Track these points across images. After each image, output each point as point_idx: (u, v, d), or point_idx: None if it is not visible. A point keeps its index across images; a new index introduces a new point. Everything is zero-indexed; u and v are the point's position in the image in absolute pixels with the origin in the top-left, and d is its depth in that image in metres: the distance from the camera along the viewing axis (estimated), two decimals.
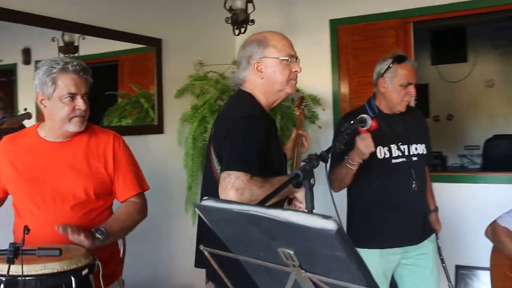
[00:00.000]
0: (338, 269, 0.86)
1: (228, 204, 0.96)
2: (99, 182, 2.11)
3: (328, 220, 0.78)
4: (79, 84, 2.02)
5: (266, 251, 0.95)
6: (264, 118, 2.06)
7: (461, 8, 4.08)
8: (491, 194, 3.96)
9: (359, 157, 2.39)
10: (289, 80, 2.09)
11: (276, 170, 2.03)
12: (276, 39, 2.10)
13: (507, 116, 7.60)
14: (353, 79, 4.44)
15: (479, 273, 4.00)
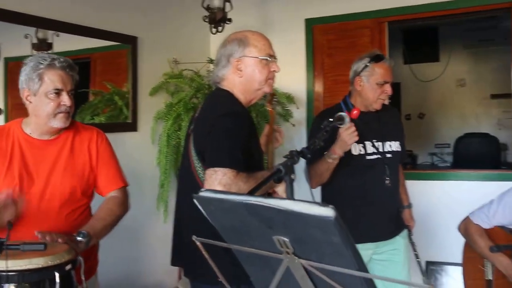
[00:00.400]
0: (331, 254, 0.94)
1: (228, 195, 1.03)
2: (85, 181, 2.16)
3: (326, 208, 0.86)
4: (65, 80, 2.06)
5: (261, 239, 1.03)
6: (246, 114, 2.14)
7: (434, 9, 4.24)
8: (462, 191, 4.11)
9: (341, 149, 2.47)
10: (267, 80, 2.15)
11: (257, 166, 2.10)
12: (256, 39, 2.16)
13: (478, 115, 7.84)
14: (327, 78, 4.56)
15: (448, 268, 4.16)
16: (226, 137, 1.97)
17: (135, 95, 3.98)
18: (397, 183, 2.86)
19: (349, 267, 0.92)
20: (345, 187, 2.74)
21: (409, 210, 3.08)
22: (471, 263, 2.69)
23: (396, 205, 2.90)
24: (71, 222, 2.10)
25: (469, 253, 2.71)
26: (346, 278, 0.97)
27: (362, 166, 2.72)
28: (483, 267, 2.62)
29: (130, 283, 3.91)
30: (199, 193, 1.06)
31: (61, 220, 2.08)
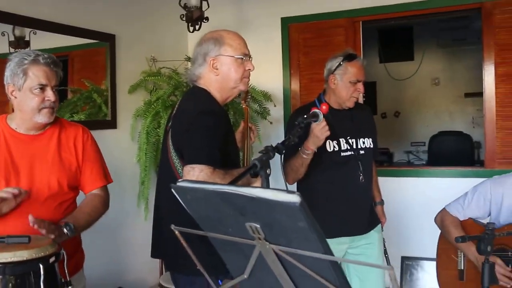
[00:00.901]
0: (299, 239, 1.02)
1: (203, 184, 1.11)
2: (71, 174, 2.21)
3: (293, 195, 0.94)
4: (50, 76, 2.10)
5: (235, 226, 1.10)
6: (222, 113, 2.21)
7: (406, 9, 4.38)
8: (436, 188, 4.24)
9: (314, 145, 2.53)
10: (243, 78, 2.22)
11: (233, 163, 2.19)
12: (232, 38, 2.22)
13: (452, 113, 8.03)
14: (303, 76, 4.67)
15: (423, 263, 4.29)
16: (204, 135, 2.03)
17: (114, 92, 4.03)
18: (370, 179, 2.95)
19: (315, 250, 1.01)
20: (320, 183, 2.80)
21: (381, 207, 3.16)
22: (445, 254, 2.78)
23: (370, 201, 2.98)
24: (59, 215, 2.14)
25: (443, 245, 2.80)
26: (314, 262, 1.05)
27: (336, 163, 2.79)
28: (456, 257, 2.72)
29: (112, 280, 3.96)
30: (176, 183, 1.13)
31: (49, 213, 2.10)
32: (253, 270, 1.20)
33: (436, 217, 2.82)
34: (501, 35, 4.09)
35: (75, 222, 2.05)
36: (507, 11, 4.07)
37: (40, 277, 1.72)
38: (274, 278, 1.17)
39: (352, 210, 2.80)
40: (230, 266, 1.31)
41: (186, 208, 1.17)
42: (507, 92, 4.09)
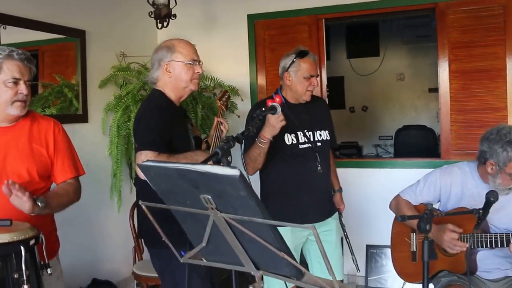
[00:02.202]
0: (242, 207, 1.26)
1: (163, 163, 1.35)
2: (42, 164, 2.36)
3: (234, 169, 1.19)
4: (23, 70, 2.26)
5: (191, 198, 1.34)
6: (170, 109, 2.59)
7: (368, 8, 4.67)
8: (399, 178, 4.42)
9: (269, 134, 2.72)
10: (192, 80, 2.62)
11: (183, 151, 2.51)
12: (182, 46, 2.63)
13: (416, 107, 8.38)
14: (269, 72, 4.93)
15: (387, 251, 4.53)
16: (147, 126, 2.49)
17: (85, 87, 4.22)
18: (327, 169, 3.15)
19: (255, 216, 1.25)
20: (280, 175, 3.01)
21: (340, 194, 3.35)
22: (399, 237, 3.03)
23: (328, 190, 3.19)
24: None
25: (397, 228, 3.05)
26: (257, 226, 1.30)
27: (295, 155, 2.97)
28: (408, 240, 2.97)
29: (86, 271, 4.16)
30: (141, 162, 1.36)
31: None
32: (210, 238, 1.45)
33: (391, 202, 3.08)
34: (454, 34, 4.41)
35: (48, 199, 2.19)
36: (459, 11, 4.39)
37: (21, 258, 1.88)
38: (227, 244, 1.42)
39: (312, 199, 2.99)
40: (191, 236, 1.55)
41: (151, 184, 1.41)
42: (460, 87, 4.42)
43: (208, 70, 4.82)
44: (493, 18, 4.29)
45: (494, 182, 2.62)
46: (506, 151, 2.52)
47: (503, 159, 2.53)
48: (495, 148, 2.55)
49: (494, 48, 4.30)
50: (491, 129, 2.65)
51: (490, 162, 2.59)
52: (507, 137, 2.53)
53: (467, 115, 4.42)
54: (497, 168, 2.57)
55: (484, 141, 2.63)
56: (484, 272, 2.79)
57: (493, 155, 2.56)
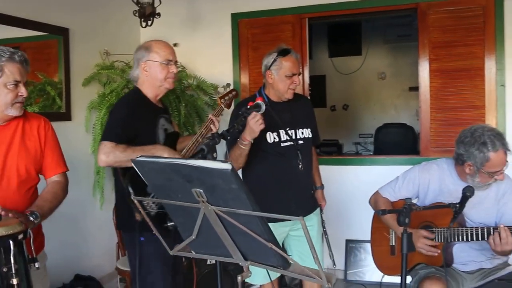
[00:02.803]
0: (233, 199, 1.34)
1: (156, 159, 1.42)
2: (36, 161, 2.44)
3: (226, 163, 1.26)
4: (23, 73, 2.30)
5: (183, 192, 1.41)
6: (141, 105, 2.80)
7: (350, 7, 4.78)
8: (379, 175, 4.53)
9: (250, 136, 2.78)
10: (167, 78, 2.82)
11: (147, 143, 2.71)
12: (158, 47, 2.83)
13: (397, 106, 8.52)
14: (252, 70, 5.01)
15: (366, 245, 4.68)
16: (114, 120, 2.74)
17: (68, 85, 4.25)
18: (309, 167, 3.23)
19: (246, 208, 1.33)
20: (263, 172, 3.07)
21: (321, 191, 3.43)
22: (378, 232, 3.13)
23: (309, 187, 3.27)
24: (29, 199, 2.37)
25: (377, 223, 3.16)
26: (246, 219, 1.38)
27: (277, 153, 3.04)
28: (388, 234, 3.07)
29: (70, 267, 4.19)
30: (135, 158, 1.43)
31: (21, 197, 2.34)
32: (200, 230, 1.52)
33: (370, 198, 3.18)
34: (435, 34, 4.54)
35: (39, 210, 2.25)
36: (440, 11, 4.52)
37: (10, 252, 1.93)
38: (217, 236, 1.49)
39: (293, 196, 3.06)
40: (181, 229, 1.62)
41: (144, 179, 1.48)
42: (440, 86, 4.55)
43: (191, 68, 4.89)
44: (473, 18, 4.42)
45: (473, 181, 2.72)
46: (483, 152, 2.62)
47: (480, 160, 2.63)
48: (472, 150, 2.65)
49: (473, 48, 4.43)
50: (465, 132, 2.74)
51: (468, 163, 2.69)
52: (481, 138, 2.63)
53: (447, 113, 4.55)
54: (475, 168, 2.67)
55: (460, 144, 2.73)
56: (460, 265, 2.91)
57: (470, 157, 2.66)
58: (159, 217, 2.64)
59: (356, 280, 4.72)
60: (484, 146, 2.62)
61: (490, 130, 2.68)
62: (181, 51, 5.09)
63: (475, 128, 2.71)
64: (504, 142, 2.65)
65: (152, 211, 2.63)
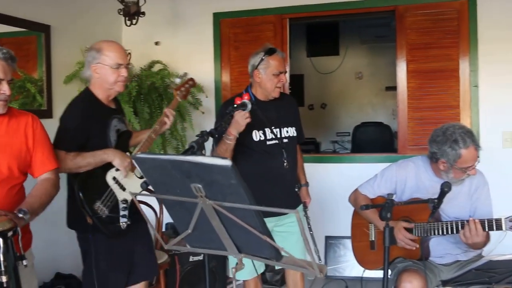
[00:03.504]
0: (231, 194, 1.41)
1: (157, 155, 1.48)
2: (21, 159, 2.41)
3: (225, 160, 1.34)
4: (6, 70, 2.28)
5: (182, 188, 1.48)
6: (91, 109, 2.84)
7: (331, 8, 4.90)
8: (357, 173, 4.68)
9: (235, 130, 2.87)
10: (117, 82, 2.83)
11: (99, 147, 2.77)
12: (109, 49, 2.81)
13: (374, 105, 8.70)
14: (234, 69, 5.09)
15: (345, 241, 4.81)
16: (63, 127, 2.81)
17: (50, 82, 4.24)
18: (294, 165, 3.32)
19: (243, 202, 1.41)
20: (249, 169, 3.10)
21: (306, 188, 3.54)
22: (358, 227, 3.23)
23: (293, 184, 3.35)
24: (12, 197, 2.36)
25: (356, 220, 3.26)
26: (242, 212, 1.45)
27: (263, 151, 3.13)
28: (367, 230, 3.17)
29: (50, 265, 4.20)
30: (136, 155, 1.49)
31: (2, 195, 2.31)
32: (196, 225, 1.59)
33: (350, 196, 3.29)
34: (412, 36, 4.69)
35: (29, 207, 2.25)
36: (418, 14, 4.67)
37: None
38: (212, 230, 1.56)
39: (278, 193, 3.13)
40: (177, 224, 1.69)
41: (144, 176, 1.54)
42: (417, 86, 4.70)
43: (173, 67, 4.93)
44: (448, 21, 4.59)
45: (447, 177, 2.85)
46: (455, 149, 2.76)
47: (453, 157, 2.77)
48: (444, 148, 2.79)
49: (448, 50, 4.59)
50: (437, 131, 2.89)
51: (442, 161, 2.83)
52: (453, 136, 2.77)
53: (423, 112, 4.70)
54: (448, 165, 2.81)
55: (433, 143, 2.87)
56: (437, 258, 3.04)
57: (443, 155, 2.80)
58: (111, 220, 2.76)
59: (336, 276, 4.83)
60: (455, 143, 2.76)
61: (461, 128, 2.83)
62: (164, 49, 5.18)
63: (446, 127, 2.85)
64: (474, 139, 2.79)
65: (103, 215, 2.72)
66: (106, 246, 2.83)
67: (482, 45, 4.51)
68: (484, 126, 4.54)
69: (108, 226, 2.73)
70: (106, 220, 2.73)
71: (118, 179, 2.81)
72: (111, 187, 2.78)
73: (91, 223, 2.70)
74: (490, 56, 4.50)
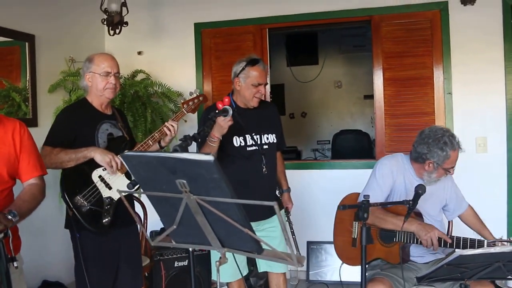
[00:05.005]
0: (213, 188, 1.50)
1: (144, 153, 1.56)
2: (10, 164, 2.46)
3: (208, 155, 1.42)
4: None
5: (167, 184, 1.56)
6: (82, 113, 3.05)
7: (309, 18, 5.03)
8: (337, 179, 4.89)
9: (218, 133, 2.96)
10: (106, 89, 3.04)
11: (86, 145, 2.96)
12: (100, 60, 3.06)
13: (352, 113, 8.85)
14: (215, 78, 5.21)
15: (327, 246, 4.91)
16: (54, 126, 3.05)
17: (34, 91, 4.31)
18: (273, 170, 3.40)
19: (225, 196, 1.49)
20: (230, 174, 3.10)
21: (288, 194, 3.62)
22: (342, 223, 3.27)
23: (273, 189, 3.44)
24: (1, 201, 2.40)
25: (340, 217, 3.30)
26: (224, 206, 1.54)
27: (242, 156, 3.20)
28: (351, 227, 3.19)
29: (36, 273, 4.23)
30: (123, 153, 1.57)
31: None
32: (181, 220, 1.66)
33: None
34: (387, 45, 4.83)
35: (18, 209, 2.29)
36: (392, 24, 4.83)
37: None
38: (197, 225, 1.64)
39: (257, 197, 3.17)
40: (163, 220, 1.76)
41: (131, 173, 1.62)
42: (393, 94, 4.84)
43: (156, 76, 5.01)
44: (422, 31, 4.74)
45: (429, 177, 3.01)
46: (445, 151, 2.92)
47: (442, 158, 2.94)
48: (435, 150, 2.94)
49: (423, 58, 4.74)
50: (426, 133, 3.02)
51: (429, 161, 2.98)
52: (443, 139, 2.94)
53: (399, 119, 4.84)
54: (435, 165, 2.96)
55: (423, 145, 2.99)
56: (418, 257, 3.14)
57: (433, 156, 2.95)
58: (92, 214, 2.92)
59: (318, 280, 4.91)
60: (445, 145, 2.92)
61: (447, 131, 3.00)
62: (146, 59, 5.26)
63: (435, 130, 3.01)
64: (458, 142, 2.98)
65: (84, 208, 2.89)
66: (93, 244, 2.97)
67: (455, 54, 4.66)
68: (458, 132, 4.61)
69: (90, 221, 2.91)
70: (87, 213, 2.91)
71: (104, 177, 2.97)
72: (95, 184, 2.94)
73: (71, 215, 2.90)
74: (462, 64, 4.65)
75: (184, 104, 3.36)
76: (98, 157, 2.91)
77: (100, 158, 2.90)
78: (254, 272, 4.27)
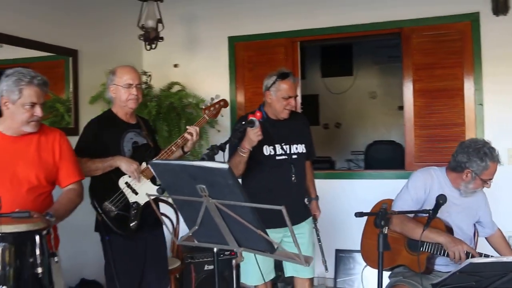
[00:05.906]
0: (229, 193, 1.69)
1: (170, 161, 1.77)
2: (48, 171, 2.72)
3: (224, 164, 1.61)
4: (40, 95, 2.61)
5: (189, 188, 1.77)
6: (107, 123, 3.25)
7: (340, 31, 5.18)
8: (369, 188, 4.96)
9: (249, 145, 3.12)
10: (128, 100, 3.21)
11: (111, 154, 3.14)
12: (122, 72, 3.24)
13: (386, 124, 8.87)
14: (248, 90, 5.41)
15: (355, 255, 5.00)
16: (81, 137, 3.28)
17: (77, 102, 4.61)
18: (302, 179, 3.53)
19: (239, 200, 1.68)
20: (259, 182, 3.38)
21: (316, 202, 3.71)
22: (371, 226, 3.28)
23: (301, 197, 3.55)
24: (39, 203, 2.64)
25: (370, 219, 3.34)
26: (240, 209, 1.72)
27: (272, 165, 3.36)
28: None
29: (77, 271, 4.46)
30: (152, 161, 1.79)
31: (29, 202, 2.58)
32: (202, 221, 1.86)
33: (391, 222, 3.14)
34: (417, 57, 4.91)
35: (55, 211, 2.53)
36: (422, 35, 4.90)
37: (35, 245, 2.25)
38: (216, 226, 1.83)
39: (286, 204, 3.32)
40: (186, 221, 1.97)
41: (158, 179, 1.83)
42: (423, 105, 4.90)
43: (190, 88, 5.25)
44: (452, 42, 4.80)
45: (466, 187, 3.09)
46: (485, 161, 3.00)
47: (481, 168, 3.01)
48: (475, 159, 3.02)
49: (453, 69, 4.79)
50: (468, 143, 3.10)
51: (468, 170, 3.06)
52: (483, 150, 3.03)
53: (429, 130, 4.90)
54: (473, 175, 3.03)
55: (463, 154, 3.08)
56: (442, 265, 3.18)
57: (472, 165, 3.03)
58: (120, 218, 3.13)
59: None
60: (485, 155, 3.00)
61: (488, 143, 3.09)
62: (181, 71, 5.51)
63: (475, 140, 3.12)
64: (498, 155, 3.06)
65: (112, 213, 3.10)
66: (121, 246, 3.20)
67: (486, 64, 4.68)
68: None
69: (119, 225, 3.14)
70: (116, 218, 3.12)
71: (130, 184, 3.16)
72: (122, 190, 3.14)
73: (100, 220, 3.12)
74: (493, 75, 4.66)
75: (205, 109, 3.51)
76: (123, 166, 3.10)
77: (126, 167, 3.09)
78: (281, 277, 4.40)
